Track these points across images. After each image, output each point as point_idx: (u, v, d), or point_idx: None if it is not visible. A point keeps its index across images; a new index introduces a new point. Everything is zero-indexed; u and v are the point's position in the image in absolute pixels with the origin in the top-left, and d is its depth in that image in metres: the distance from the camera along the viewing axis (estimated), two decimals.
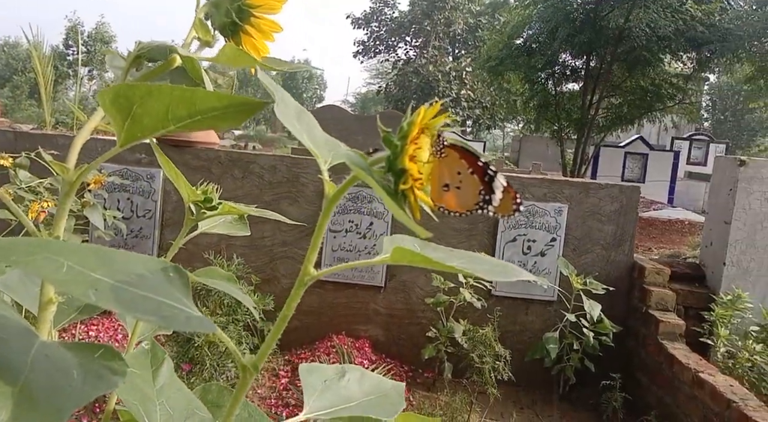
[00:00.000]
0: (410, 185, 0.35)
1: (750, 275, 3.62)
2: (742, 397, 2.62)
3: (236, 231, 0.67)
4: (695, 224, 10.52)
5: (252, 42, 0.57)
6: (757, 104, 13.39)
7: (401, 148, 0.35)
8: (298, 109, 0.42)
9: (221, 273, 0.59)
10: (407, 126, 0.35)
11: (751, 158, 3.67)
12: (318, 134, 0.42)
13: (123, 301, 0.32)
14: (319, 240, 0.39)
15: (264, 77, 0.41)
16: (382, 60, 30.49)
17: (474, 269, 0.37)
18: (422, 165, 0.36)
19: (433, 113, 0.36)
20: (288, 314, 0.40)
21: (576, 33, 9.76)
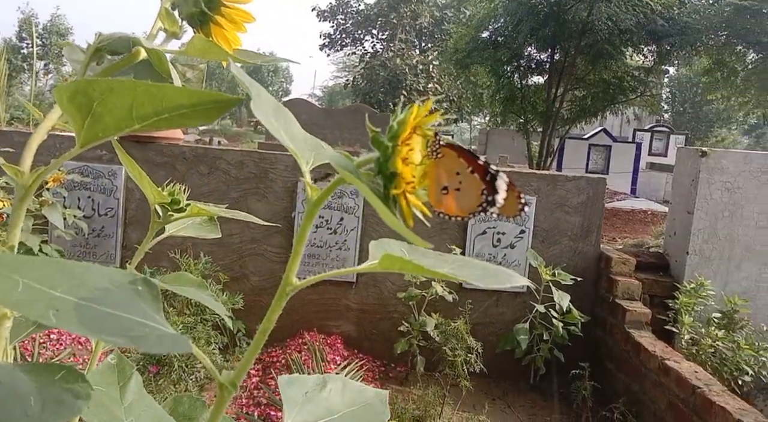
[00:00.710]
0: (402, 190, 0.32)
1: (712, 264, 3.72)
2: (706, 383, 2.69)
3: (206, 233, 0.63)
4: (657, 214, 10.79)
5: (222, 33, 0.54)
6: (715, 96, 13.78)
7: (392, 149, 0.32)
8: (275, 105, 0.39)
9: (191, 279, 0.55)
10: (398, 126, 0.33)
11: (712, 149, 3.76)
12: (297, 131, 0.39)
13: (87, 322, 0.29)
14: (301, 247, 0.36)
15: (238, 71, 0.38)
16: (349, 53, 30.32)
17: (466, 275, 0.35)
18: (414, 167, 0.33)
19: (425, 111, 0.33)
20: (268, 328, 0.37)
21: (540, 26, 9.87)
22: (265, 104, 0.37)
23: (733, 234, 3.71)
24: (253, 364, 3.51)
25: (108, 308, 0.31)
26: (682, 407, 2.73)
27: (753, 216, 3.70)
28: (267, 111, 0.36)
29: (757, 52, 10.78)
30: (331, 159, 0.33)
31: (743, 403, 2.50)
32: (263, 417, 2.77)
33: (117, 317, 0.31)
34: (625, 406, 3.16)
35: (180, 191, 0.60)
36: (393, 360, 3.68)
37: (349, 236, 3.68)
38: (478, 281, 0.35)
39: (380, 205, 0.29)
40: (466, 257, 0.38)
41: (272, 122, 0.36)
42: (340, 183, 0.34)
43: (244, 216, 0.61)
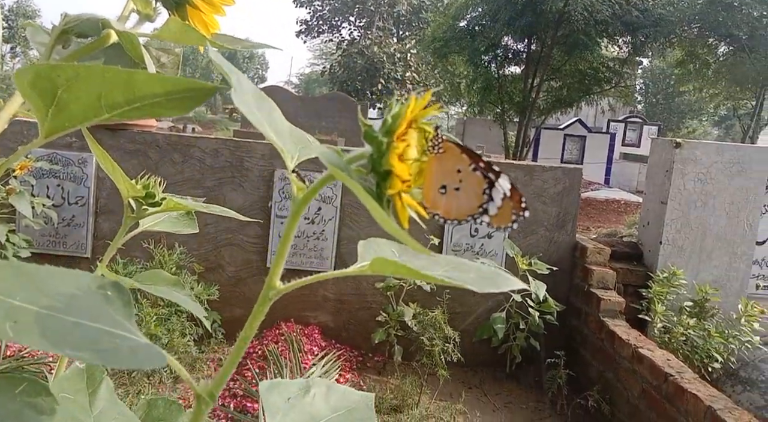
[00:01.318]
0: (398, 190, 0.30)
1: (684, 253, 3.79)
2: (678, 370, 2.74)
3: (182, 228, 0.60)
4: (630, 204, 10.97)
5: (200, 16, 0.51)
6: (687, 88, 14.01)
7: (387, 146, 0.30)
8: (258, 94, 0.36)
9: (166, 277, 0.52)
10: (393, 120, 0.30)
11: (686, 140, 3.81)
12: (282, 123, 0.36)
13: (50, 334, 0.26)
14: (286, 249, 0.34)
15: (217, 58, 0.35)
16: (326, 40, 30.03)
17: (461, 278, 0.33)
18: (411, 165, 0.31)
19: (423, 104, 0.31)
20: (250, 335, 0.35)
21: (517, 16, 9.88)
22: (247, 94, 0.34)
23: (705, 224, 3.78)
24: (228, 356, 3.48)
25: (74, 317, 0.28)
26: (655, 394, 2.78)
27: (724, 207, 3.77)
28: (249, 101, 0.33)
29: (728, 45, 10.96)
30: (320, 155, 0.31)
31: (713, 390, 2.56)
32: (239, 409, 2.74)
33: (84, 327, 0.28)
34: (600, 394, 3.21)
35: (155, 184, 0.56)
36: (371, 350, 3.67)
37: (326, 226, 3.65)
38: (473, 285, 0.33)
39: (374, 206, 0.27)
40: (458, 258, 0.36)
41: (255, 113, 0.33)
42: (329, 181, 0.31)
43: (222, 211, 0.58)
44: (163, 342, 2.65)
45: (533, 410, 3.39)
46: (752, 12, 10.12)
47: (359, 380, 3.36)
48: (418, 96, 0.31)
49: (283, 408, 0.42)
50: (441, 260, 0.36)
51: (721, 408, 2.35)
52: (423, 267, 0.34)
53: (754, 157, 3.77)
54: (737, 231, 3.78)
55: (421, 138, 0.32)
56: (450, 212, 0.33)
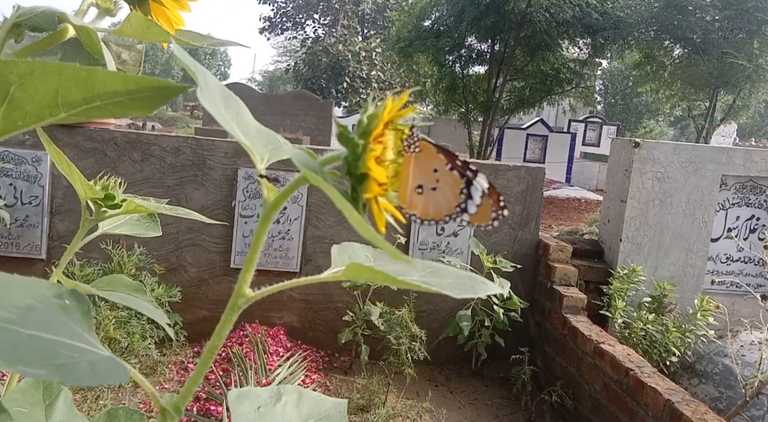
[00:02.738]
0: (375, 194, 0.29)
1: (643, 250, 3.89)
2: (638, 365, 2.81)
3: (144, 231, 0.58)
4: (591, 202, 11.22)
5: (163, 12, 0.49)
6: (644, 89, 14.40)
7: (363, 148, 0.29)
8: (225, 93, 0.35)
9: (126, 283, 0.50)
10: (369, 121, 0.29)
11: (645, 141, 3.91)
12: (251, 123, 0.35)
13: (3, 349, 0.24)
14: (256, 255, 0.32)
15: (182, 55, 0.34)
16: (290, 37, 29.78)
17: (439, 284, 0.33)
18: (387, 167, 0.30)
19: (400, 105, 0.30)
20: (217, 345, 0.33)
21: (481, 17, 9.98)
22: (214, 92, 0.33)
23: (662, 222, 3.88)
24: (191, 357, 3.40)
25: (29, 329, 0.27)
26: (616, 388, 2.85)
27: (681, 205, 3.88)
28: (216, 100, 0.32)
29: (683, 48, 11.31)
30: (293, 157, 0.30)
31: (671, 383, 2.63)
32: (203, 412, 2.69)
33: (40, 340, 0.26)
34: (563, 389, 3.27)
35: (115, 185, 0.54)
36: (337, 350, 3.65)
37: (292, 225, 3.61)
38: (451, 291, 0.32)
39: (352, 211, 0.26)
40: (435, 263, 0.36)
41: (222, 113, 0.32)
42: (303, 183, 0.30)
43: (187, 213, 0.56)
44: (123, 345, 2.57)
45: (498, 406, 3.43)
46: (705, 16, 10.47)
47: (325, 380, 3.34)
48: (394, 97, 0.30)
49: (253, 417, 0.41)
50: (418, 265, 0.35)
51: (679, 401, 2.42)
52: (399, 273, 0.33)
53: (709, 156, 3.89)
54: (693, 229, 3.91)
55: (398, 140, 0.32)
56: (427, 213, 0.33)
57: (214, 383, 2.77)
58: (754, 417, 2.99)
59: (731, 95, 12.11)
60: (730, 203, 3.97)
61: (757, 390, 2.74)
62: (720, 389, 3.30)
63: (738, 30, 9.97)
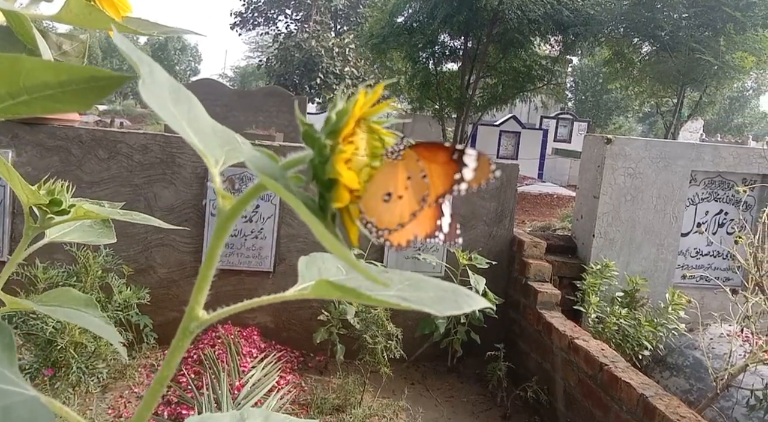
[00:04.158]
0: (346, 202, 0.25)
1: (615, 245, 3.93)
2: (612, 359, 2.83)
3: (98, 239, 0.53)
4: (563, 198, 11.35)
5: None
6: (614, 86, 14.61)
7: (332, 149, 0.25)
8: (175, 87, 0.30)
9: (76, 297, 0.46)
10: (339, 117, 0.26)
11: (617, 137, 3.95)
12: (204, 121, 0.31)
13: None
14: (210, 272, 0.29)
15: (124, 43, 0.29)
16: (262, 33, 29.43)
17: (419, 300, 0.29)
18: (360, 171, 0.26)
19: (373, 100, 0.26)
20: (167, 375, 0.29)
21: (454, 13, 9.98)
22: (160, 87, 0.29)
23: (634, 217, 3.93)
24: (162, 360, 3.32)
25: None
26: (591, 383, 2.86)
27: (652, 200, 3.93)
28: (162, 96, 0.28)
29: (651, 45, 11.49)
30: (248, 161, 0.26)
31: (645, 378, 2.66)
32: (173, 417, 2.62)
33: None
34: (538, 384, 3.28)
35: (62, 190, 0.49)
36: (312, 350, 3.61)
37: (265, 224, 3.55)
38: (432, 307, 0.29)
39: (317, 224, 0.22)
40: (414, 274, 0.32)
41: (170, 110, 0.28)
42: (260, 192, 0.26)
43: (144, 219, 0.51)
44: (90, 349, 2.49)
45: (474, 403, 3.43)
46: (673, 14, 10.65)
47: (300, 381, 3.29)
48: (367, 90, 0.26)
49: None
50: (395, 277, 0.31)
51: (652, 395, 2.44)
52: (374, 287, 0.29)
53: (679, 152, 3.95)
54: (664, 223, 3.96)
55: (373, 139, 0.28)
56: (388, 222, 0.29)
57: (186, 386, 2.70)
58: (724, 408, 3.05)
59: (698, 92, 12.36)
60: (699, 198, 4.04)
61: (728, 383, 2.79)
62: (691, 381, 3.36)
63: (704, 27, 10.16)
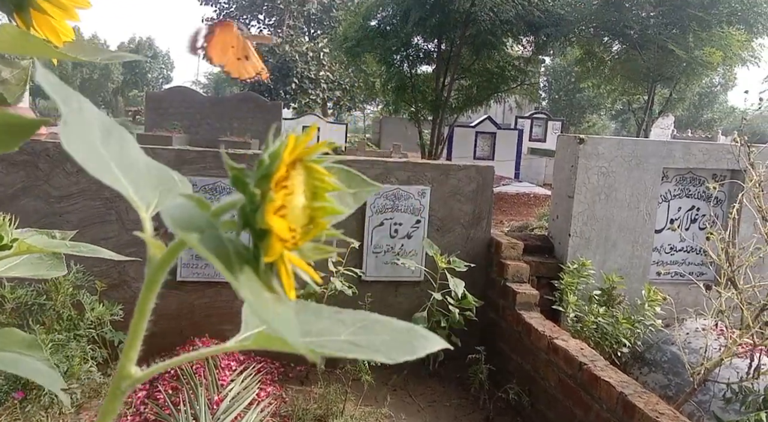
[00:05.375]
0: (278, 255, 0.24)
1: (591, 244, 3.96)
2: (592, 359, 2.85)
3: (46, 272, 0.51)
4: (539, 197, 11.45)
5: (48, 22, 0.42)
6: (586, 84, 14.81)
7: (263, 197, 0.24)
8: (106, 125, 0.28)
9: (19, 339, 0.43)
10: (272, 161, 0.24)
11: (589, 137, 3.99)
12: (138, 160, 0.29)
13: None
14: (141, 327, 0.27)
15: (46, 79, 0.27)
16: None
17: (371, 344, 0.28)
18: (297, 215, 0.25)
19: (307, 141, 0.25)
20: None
21: (427, 16, 10.03)
22: (88, 126, 0.27)
23: (609, 216, 3.97)
24: None
25: None
26: (571, 383, 2.88)
27: (625, 198, 3.98)
28: (88, 137, 0.26)
29: (621, 44, 11.67)
30: (165, 212, 0.24)
31: (624, 376, 2.68)
32: None
33: None
34: (519, 386, 3.29)
35: (4, 224, 0.47)
36: (293, 360, 3.57)
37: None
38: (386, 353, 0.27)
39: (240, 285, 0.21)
40: (370, 314, 0.31)
41: (97, 152, 0.26)
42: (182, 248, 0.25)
43: (93, 251, 0.49)
44: (62, 369, 2.42)
45: (456, 407, 3.42)
46: (641, 12, 10.84)
47: (281, 392, 3.25)
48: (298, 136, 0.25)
49: None
50: (347, 319, 0.30)
51: (631, 393, 2.46)
52: (325, 331, 0.28)
53: (651, 150, 4.00)
54: (638, 221, 4.01)
55: (311, 178, 0.26)
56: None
57: (163, 403, 2.64)
58: (702, 402, 3.09)
59: (668, 89, 12.60)
60: (671, 195, 4.10)
61: (704, 377, 2.82)
62: (669, 377, 3.40)
63: (672, 25, 10.36)
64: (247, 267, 0.23)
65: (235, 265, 0.22)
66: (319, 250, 0.27)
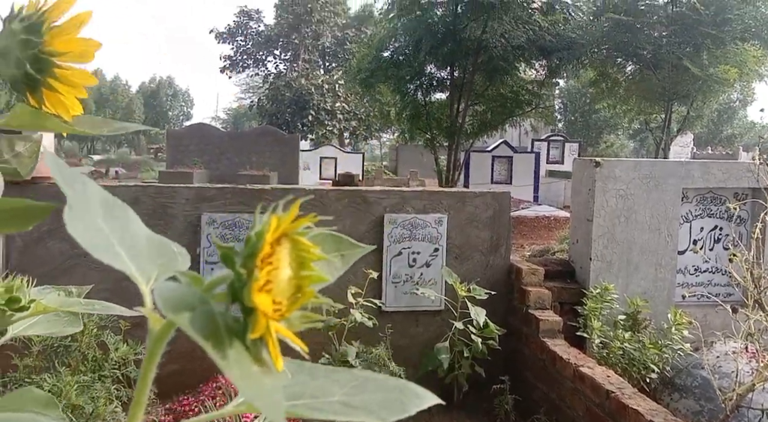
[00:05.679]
0: (262, 332, 0.25)
1: (613, 268, 3.91)
2: (619, 386, 2.79)
3: (63, 329, 0.53)
4: (560, 219, 11.35)
5: (58, 98, 0.45)
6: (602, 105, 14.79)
7: (248, 275, 0.25)
8: (109, 202, 0.31)
9: (37, 397, 0.45)
10: (257, 239, 0.26)
11: (605, 159, 3.97)
12: (139, 234, 0.31)
13: None
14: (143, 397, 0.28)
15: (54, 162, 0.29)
16: (252, 74, 29.90)
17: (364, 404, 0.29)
18: (283, 287, 0.26)
19: (291, 217, 0.26)
20: None
21: (439, 45, 10.16)
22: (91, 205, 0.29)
23: (629, 238, 3.92)
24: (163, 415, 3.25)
25: None
26: (599, 412, 2.81)
27: (645, 220, 3.93)
28: (90, 217, 0.28)
29: (635, 64, 11.67)
30: (160, 294, 0.25)
31: (653, 403, 2.61)
32: None
33: None
34: (546, 415, 3.22)
35: (21, 285, 0.49)
36: None
37: None
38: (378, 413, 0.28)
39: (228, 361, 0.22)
40: (364, 372, 0.32)
41: (101, 232, 0.28)
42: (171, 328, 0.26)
43: (105, 308, 0.51)
44: (88, 411, 2.44)
45: None
46: (653, 33, 10.85)
47: None
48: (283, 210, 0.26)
49: None
50: (342, 379, 0.31)
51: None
52: (319, 391, 0.29)
53: (668, 171, 3.97)
54: (659, 243, 3.95)
55: (297, 249, 0.28)
56: None
57: None
58: None
59: (685, 106, 12.51)
60: (693, 215, 4.04)
61: (737, 403, 2.74)
62: (701, 402, 3.30)
63: (685, 44, 10.34)
64: (236, 341, 0.25)
65: (225, 341, 0.24)
66: (307, 318, 0.28)
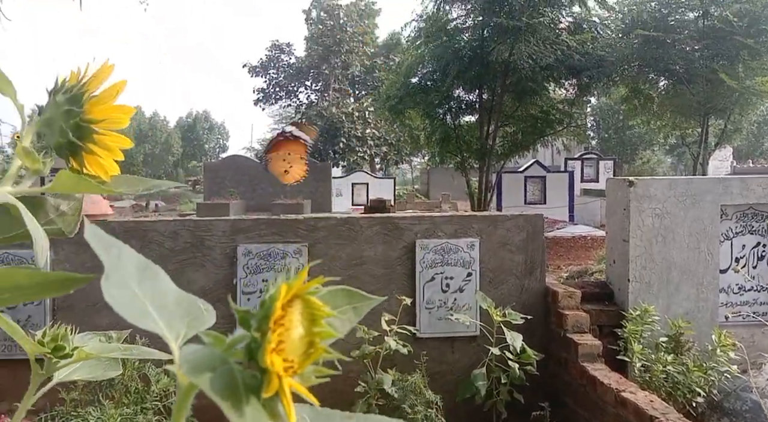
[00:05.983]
0: (275, 391, 0.28)
1: (652, 289, 3.82)
2: (663, 412, 2.71)
3: (104, 373, 0.56)
4: (597, 238, 11.12)
5: (97, 161, 0.49)
6: (635, 121, 14.57)
7: (262, 338, 0.28)
8: (142, 265, 0.34)
9: None
10: (270, 303, 0.28)
11: (639, 178, 3.91)
12: (169, 294, 0.34)
13: None
14: None
15: (92, 232, 0.33)
16: (285, 105, 30.56)
17: None
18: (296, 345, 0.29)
19: (301, 280, 0.29)
20: None
21: (466, 69, 10.24)
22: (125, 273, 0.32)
23: (668, 258, 3.83)
24: None
25: None
26: None
27: (684, 239, 3.84)
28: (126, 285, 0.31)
29: (668, 79, 11.50)
30: (184, 359, 0.28)
31: None
32: None
33: None
34: None
35: (66, 334, 0.53)
36: None
37: None
38: None
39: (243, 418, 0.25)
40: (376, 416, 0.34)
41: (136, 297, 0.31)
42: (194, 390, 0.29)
43: (143, 353, 0.54)
44: None
45: None
46: (685, 47, 10.71)
47: None
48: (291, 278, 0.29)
49: None
50: None
51: None
52: None
53: (705, 188, 3.88)
54: (700, 262, 3.85)
55: (309, 308, 0.30)
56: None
57: None
58: None
59: (722, 120, 12.23)
60: (733, 233, 3.93)
61: None
62: None
63: (719, 57, 10.17)
64: (253, 398, 0.27)
65: (242, 399, 0.26)
66: (320, 371, 0.31)
